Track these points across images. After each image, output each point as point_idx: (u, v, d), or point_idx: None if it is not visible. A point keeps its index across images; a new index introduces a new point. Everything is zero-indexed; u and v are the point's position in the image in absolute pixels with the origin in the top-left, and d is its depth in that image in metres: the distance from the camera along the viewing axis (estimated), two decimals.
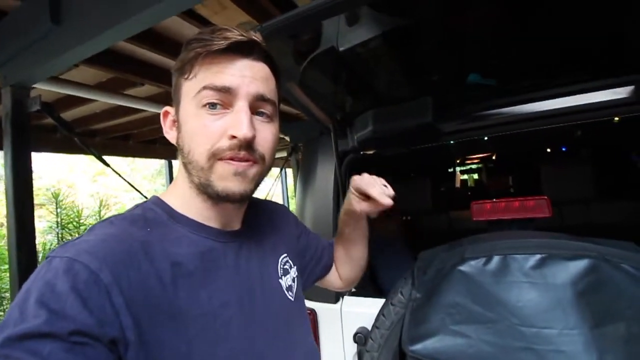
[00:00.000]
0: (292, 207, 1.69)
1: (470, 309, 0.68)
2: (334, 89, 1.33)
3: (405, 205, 2.16)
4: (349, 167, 1.43)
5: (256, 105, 0.53)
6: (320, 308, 1.38)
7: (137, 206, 0.56)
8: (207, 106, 0.50)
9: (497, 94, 1.12)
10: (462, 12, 1.00)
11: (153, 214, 0.53)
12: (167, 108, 0.58)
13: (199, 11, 1.56)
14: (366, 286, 1.68)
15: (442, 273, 0.77)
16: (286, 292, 0.65)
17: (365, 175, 0.79)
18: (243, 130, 0.49)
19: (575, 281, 0.66)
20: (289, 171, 6.54)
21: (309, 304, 1.42)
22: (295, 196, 1.73)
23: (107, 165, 1.65)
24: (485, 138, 1.71)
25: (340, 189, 1.36)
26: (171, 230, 0.52)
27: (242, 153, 0.50)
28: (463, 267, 0.75)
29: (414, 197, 2.15)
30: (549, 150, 2.11)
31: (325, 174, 1.43)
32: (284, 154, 5.29)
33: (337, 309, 1.35)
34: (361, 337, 1.17)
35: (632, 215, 1.70)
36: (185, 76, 0.52)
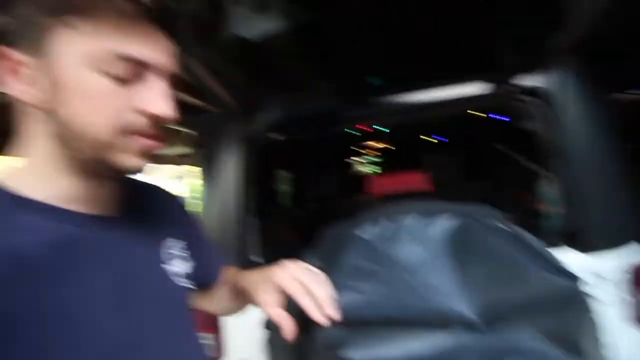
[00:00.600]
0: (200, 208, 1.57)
1: (367, 267, 0.75)
2: (240, 73, 1.30)
3: (312, 193, 2.26)
4: (255, 153, 1.41)
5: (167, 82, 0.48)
6: None
7: None
8: (114, 75, 0.42)
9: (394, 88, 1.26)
10: (361, 11, 1.09)
11: None
12: (12, 53, 0.41)
13: None
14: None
15: (340, 240, 0.83)
16: (175, 277, 0.59)
17: (291, 267, 0.62)
18: (169, 111, 0.45)
19: (447, 234, 0.79)
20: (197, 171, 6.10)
21: None
22: (202, 195, 1.61)
23: None
24: (382, 130, 1.90)
25: (247, 174, 1.34)
26: (13, 218, 0.42)
27: (154, 131, 0.46)
28: (358, 232, 0.83)
29: (320, 184, 2.27)
30: (433, 141, 2.51)
31: (233, 161, 1.38)
32: (184, 150, 4.88)
33: None
34: (271, 323, 1.17)
35: (492, 193, 2.14)
36: (72, 22, 0.40)
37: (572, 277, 0.63)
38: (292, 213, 2.38)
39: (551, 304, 0.62)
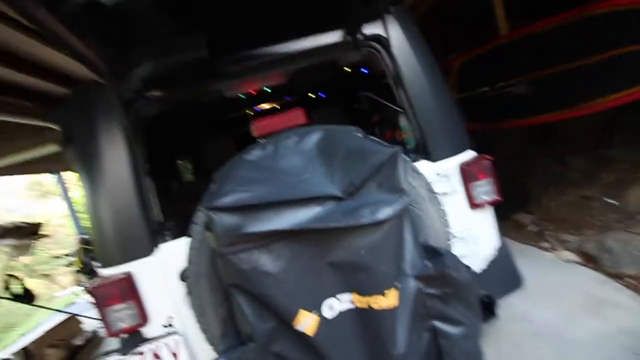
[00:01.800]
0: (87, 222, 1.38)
1: (253, 177, 0.90)
2: (106, 35, 1.23)
3: (213, 165, 2.29)
4: (138, 118, 1.37)
5: None
6: (135, 267, 1.32)
7: None
8: None
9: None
10: None
11: None
12: None
13: None
14: (182, 231, 1.70)
15: (233, 164, 0.97)
16: None
17: None
18: None
19: (317, 144, 1.01)
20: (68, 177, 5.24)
21: (118, 269, 1.31)
22: (86, 210, 1.44)
23: None
24: (268, 91, 2.04)
25: (132, 136, 1.31)
26: None
27: None
28: (247, 156, 0.97)
29: (219, 156, 2.31)
30: (313, 96, 2.78)
31: (109, 128, 1.31)
32: (51, 149, 4.12)
33: (156, 260, 1.33)
34: (186, 273, 1.23)
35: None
36: None
37: (393, 148, 0.91)
38: (196, 186, 2.37)
39: (383, 166, 0.88)
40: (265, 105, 2.51)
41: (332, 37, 1.54)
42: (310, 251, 0.79)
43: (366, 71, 2.27)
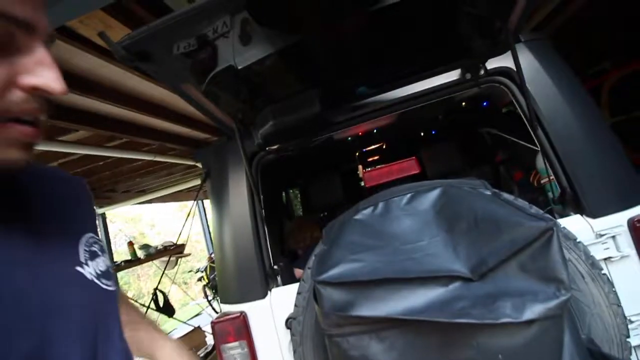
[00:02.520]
0: None
1: (364, 243, 0.83)
2: (235, 96, 1.43)
3: (320, 202, 2.34)
4: (259, 166, 1.52)
5: None
6: (249, 308, 1.40)
7: None
8: None
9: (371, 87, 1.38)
10: (336, 28, 1.21)
11: None
12: None
13: (80, 31, 1.51)
14: (292, 278, 1.76)
15: (341, 225, 0.92)
16: (97, 280, 0.50)
17: None
18: (61, 85, 0.37)
19: (434, 204, 0.87)
20: (208, 203, 6.28)
21: (235, 307, 1.42)
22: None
23: None
24: (375, 131, 2.01)
25: (253, 187, 1.44)
26: None
27: (38, 107, 0.39)
28: (357, 216, 0.92)
29: (326, 193, 2.36)
30: (423, 134, 2.59)
31: (237, 177, 1.49)
32: (196, 182, 5.08)
33: (267, 303, 1.39)
34: (292, 321, 1.24)
35: (487, 175, 2.20)
36: None
37: (546, 219, 0.70)
38: (305, 223, 2.47)
39: (531, 245, 0.69)
40: (373, 145, 2.49)
41: (449, 76, 1.41)
42: (429, 345, 0.66)
43: (485, 103, 2.02)
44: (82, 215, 0.56)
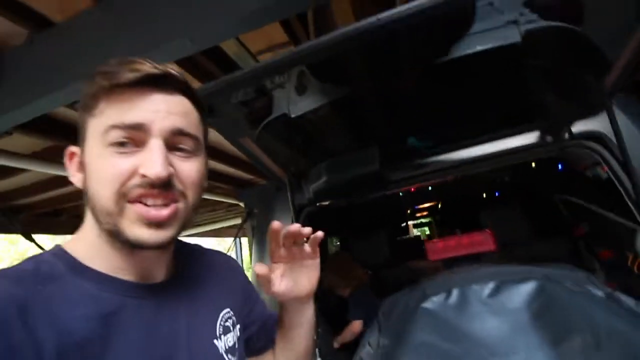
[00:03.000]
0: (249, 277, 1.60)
1: (439, 347, 0.66)
2: (288, 146, 1.40)
3: (365, 259, 2.15)
4: (306, 220, 1.43)
5: (174, 141, 0.48)
6: None
7: (29, 259, 0.47)
8: (115, 145, 0.45)
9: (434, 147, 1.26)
10: (394, 83, 1.16)
11: (48, 268, 0.45)
12: (73, 148, 0.50)
13: None
14: (335, 353, 1.55)
15: (406, 313, 0.76)
16: (225, 355, 0.56)
17: None
18: (156, 169, 0.44)
19: (529, 303, 0.69)
20: (244, 241, 6.27)
21: None
22: (250, 267, 1.65)
23: (33, 241, 1.45)
24: (430, 188, 1.85)
25: None
26: (70, 286, 0.44)
27: (156, 191, 0.45)
28: (426, 304, 0.75)
29: (372, 250, 2.17)
30: (485, 196, 2.35)
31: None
32: (238, 221, 5.15)
33: None
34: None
35: (562, 250, 1.88)
36: (91, 113, 0.46)
37: None
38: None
39: None
40: (426, 203, 2.30)
41: (526, 138, 1.26)
42: None
43: (561, 166, 1.79)
44: (225, 290, 0.63)
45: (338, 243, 2.86)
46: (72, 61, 1.14)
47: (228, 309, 0.61)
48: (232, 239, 3.81)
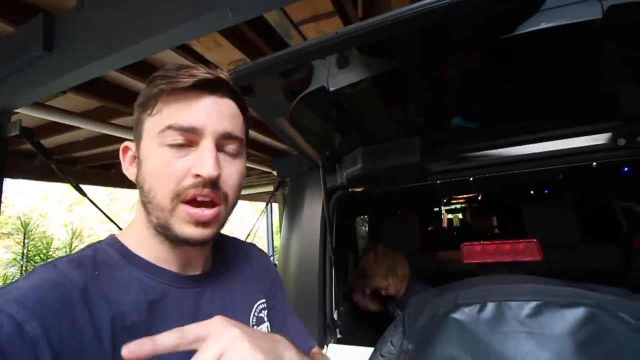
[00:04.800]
0: (277, 242, 1.62)
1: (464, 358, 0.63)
2: (324, 126, 1.35)
3: (393, 244, 2.12)
4: (336, 204, 1.41)
5: (222, 143, 0.52)
6: None
7: (89, 246, 0.51)
8: (172, 146, 0.49)
9: (482, 137, 1.15)
10: (447, 60, 1.05)
11: (105, 256, 0.49)
12: (127, 143, 0.55)
13: (194, 47, 1.60)
14: (354, 332, 1.59)
15: (434, 321, 0.73)
16: None
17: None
18: (208, 169, 0.47)
19: (574, 331, 0.63)
20: (275, 206, 6.46)
21: None
22: (280, 231, 1.68)
23: (83, 193, 1.57)
24: (471, 179, 1.74)
25: (328, 224, 1.33)
26: (123, 273, 0.49)
27: (206, 191, 0.49)
28: (457, 315, 0.71)
29: (401, 236, 2.12)
30: (532, 192, 2.17)
31: (313, 210, 1.40)
32: (270, 188, 5.30)
33: None
34: None
35: (616, 259, 1.72)
36: (148, 112, 0.51)
37: None
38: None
39: None
40: (465, 194, 2.18)
41: (594, 138, 1.10)
42: None
43: (627, 169, 1.59)
44: (258, 281, 0.65)
45: (366, 224, 2.83)
46: (120, 26, 1.14)
47: (262, 300, 0.64)
48: (264, 204, 3.93)
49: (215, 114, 0.50)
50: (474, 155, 1.17)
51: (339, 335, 1.32)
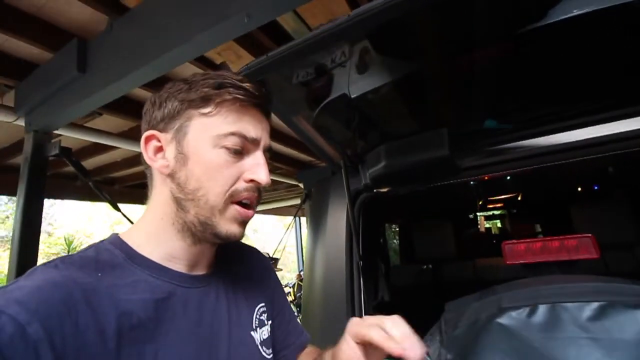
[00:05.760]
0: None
1: None
2: (345, 128, 1.32)
3: (425, 252, 2.00)
4: (361, 207, 1.35)
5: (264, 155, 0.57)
6: None
7: (91, 246, 0.51)
8: (231, 150, 0.51)
9: (519, 126, 1.06)
10: (468, 55, 0.98)
11: (108, 255, 0.49)
12: (154, 132, 0.54)
13: (216, 61, 1.65)
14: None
15: (476, 327, 0.64)
16: (260, 347, 0.59)
17: (368, 318, 0.56)
18: (264, 178, 0.52)
19: None
20: (303, 220, 6.45)
21: None
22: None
23: (117, 208, 1.63)
24: (508, 178, 1.61)
25: (353, 230, 1.27)
26: (127, 273, 0.49)
27: (256, 195, 0.54)
28: (502, 320, 0.62)
29: (435, 242, 2.00)
30: (579, 189, 1.96)
31: (337, 214, 1.35)
32: (298, 201, 5.31)
33: None
34: None
35: None
36: (204, 111, 0.52)
37: None
38: (401, 274, 2.14)
39: None
40: (503, 194, 2.02)
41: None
42: None
43: None
44: (260, 285, 0.67)
45: (396, 234, 2.69)
46: (144, 43, 1.19)
47: (263, 304, 0.65)
48: (292, 217, 3.92)
49: (265, 129, 0.56)
50: (511, 147, 1.07)
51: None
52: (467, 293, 0.76)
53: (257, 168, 0.53)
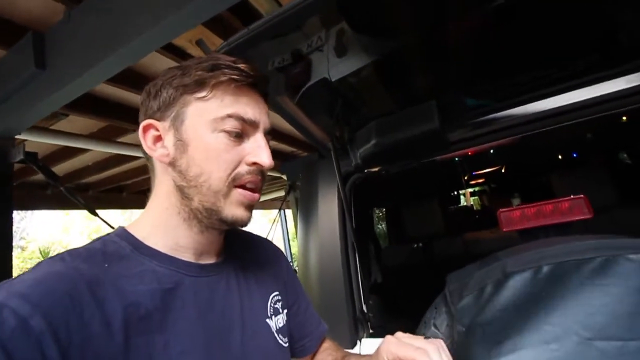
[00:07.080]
0: (294, 249, 1.54)
1: (526, 328, 0.53)
2: (330, 109, 1.28)
3: (414, 230, 2.02)
4: (353, 189, 1.33)
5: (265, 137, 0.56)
6: None
7: (98, 239, 0.51)
8: (230, 133, 0.50)
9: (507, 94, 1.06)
10: (446, 27, 0.97)
11: (114, 247, 0.49)
12: (151, 121, 0.52)
13: (186, 49, 1.55)
14: (386, 325, 1.49)
15: (484, 295, 0.63)
16: (277, 334, 0.60)
17: (400, 335, 0.54)
18: (266, 160, 0.52)
19: None
20: (288, 213, 6.41)
21: None
22: (296, 238, 1.61)
23: (94, 213, 1.54)
24: (491, 151, 1.63)
25: (346, 211, 1.25)
26: (134, 264, 0.48)
27: (259, 178, 0.53)
28: (510, 283, 0.62)
29: (423, 220, 2.02)
30: (560, 157, 2.02)
31: (328, 197, 1.32)
32: (281, 193, 5.25)
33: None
34: None
35: None
36: (199, 95, 0.51)
37: None
38: (392, 254, 2.16)
39: None
40: (487, 168, 2.06)
41: (625, 81, 0.99)
42: None
43: None
44: (272, 274, 0.66)
45: (384, 215, 2.69)
46: (105, 31, 1.10)
47: (277, 292, 0.64)
48: (277, 211, 3.87)
49: (264, 110, 0.55)
50: (501, 116, 1.07)
51: (371, 330, 1.23)
52: (460, 267, 0.76)
53: (258, 150, 0.52)
